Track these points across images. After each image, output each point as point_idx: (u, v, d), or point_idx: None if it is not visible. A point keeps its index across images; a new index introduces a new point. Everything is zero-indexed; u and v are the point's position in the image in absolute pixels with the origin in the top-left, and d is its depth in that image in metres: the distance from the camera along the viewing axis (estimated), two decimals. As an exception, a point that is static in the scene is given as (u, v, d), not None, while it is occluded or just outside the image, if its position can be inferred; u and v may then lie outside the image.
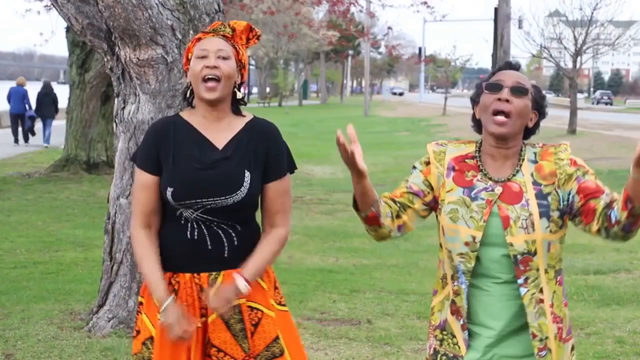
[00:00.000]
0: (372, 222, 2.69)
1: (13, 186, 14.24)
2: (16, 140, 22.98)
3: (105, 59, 5.63)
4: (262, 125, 3.03)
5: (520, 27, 35.70)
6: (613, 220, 2.53)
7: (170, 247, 2.94)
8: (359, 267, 8.76)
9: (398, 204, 2.75)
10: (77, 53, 15.48)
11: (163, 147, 2.95)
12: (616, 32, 39.51)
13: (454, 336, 2.71)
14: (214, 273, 2.92)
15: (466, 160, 2.75)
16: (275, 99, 70.57)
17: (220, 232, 2.92)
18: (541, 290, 2.67)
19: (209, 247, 2.91)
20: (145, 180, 2.95)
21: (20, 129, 23.05)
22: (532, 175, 2.69)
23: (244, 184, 2.91)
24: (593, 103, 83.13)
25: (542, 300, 2.67)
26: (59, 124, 22.85)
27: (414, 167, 2.82)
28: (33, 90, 23.79)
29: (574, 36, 33.29)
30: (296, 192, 15.05)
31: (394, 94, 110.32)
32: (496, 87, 2.68)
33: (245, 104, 3.09)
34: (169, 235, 2.95)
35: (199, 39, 3.00)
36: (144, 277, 2.95)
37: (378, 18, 79.33)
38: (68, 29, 15.64)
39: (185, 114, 3.03)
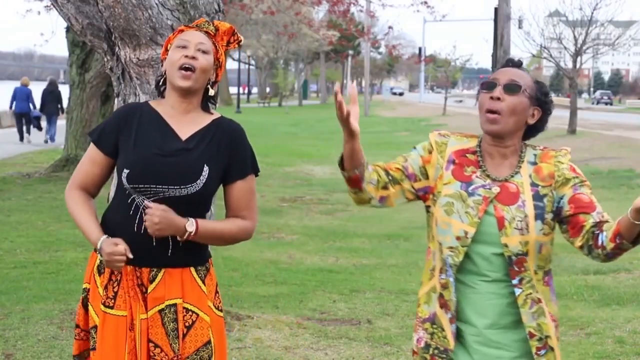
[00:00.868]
0: (354, 184, 2.68)
1: (13, 186, 14.24)
2: (21, 139, 23.46)
3: (105, 59, 5.63)
4: (229, 124, 3.04)
5: (520, 27, 35.69)
6: (599, 243, 2.56)
7: (115, 236, 2.93)
8: (359, 267, 8.76)
9: (390, 177, 2.74)
10: (77, 53, 15.48)
11: (124, 131, 2.95)
12: (616, 32, 39.50)
13: (443, 329, 2.72)
14: (155, 269, 2.91)
15: (467, 155, 2.75)
16: (275, 99, 70.56)
17: None
18: (537, 290, 2.68)
19: (153, 243, 2.90)
20: (95, 156, 2.99)
21: (24, 127, 23.60)
22: (530, 176, 2.69)
23: (201, 177, 2.90)
24: (593, 103, 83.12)
25: (540, 300, 2.68)
26: (60, 123, 23.17)
27: (414, 148, 2.81)
28: (34, 89, 24.30)
29: (574, 36, 33.29)
30: (296, 192, 15.04)
31: (394, 94, 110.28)
32: (490, 86, 2.70)
33: (214, 103, 3.10)
34: (116, 225, 2.94)
35: (181, 31, 3.02)
36: (78, 226, 3.00)
37: (378, 18, 79.34)
38: (68, 29, 15.64)
39: (154, 103, 3.04)
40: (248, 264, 8.61)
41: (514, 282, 2.65)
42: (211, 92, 3.03)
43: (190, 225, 2.87)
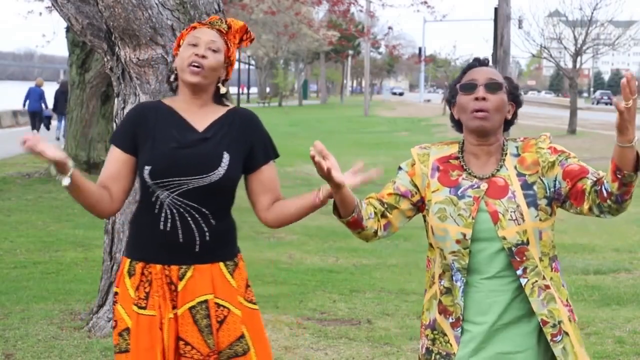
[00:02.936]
0: (355, 226, 2.72)
1: (13, 186, 14.24)
2: (35, 131, 24.84)
3: (105, 59, 5.63)
4: (244, 113, 3.07)
5: (520, 27, 35.69)
6: (605, 194, 2.55)
7: (143, 237, 2.95)
8: (359, 267, 8.77)
9: (385, 205, 2.78)
10: (77, 53, 15.48)
11: (141, 129, 2.97)
12: (616, 32, 39.51)
13: (445, 334, 2.73)
14: (184, 266, 2.92)
15: (450, 161, 2.79)
16: (275, 99, 70.55)
17: (193, 224, 2.92)
18: (544, 277, 2.69)
19: (180, 240, 2.91)
20: (116, 155, 2.98)
21: (37, 125, 25.13)
22: (515, 167, 2.73)
23: (222, 164, 2.92)
24: (593, 103, 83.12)
25: (547, 287, 2.69)
26: (61, 123, 23.96)
27: (400, 168, 2.85)
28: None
29: (574, 36, 33.32)
30: (296, 192, 15.00)
31: (394, 94, 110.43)
32: (470, 87, 2.72)
33: (227, 99, 3.12)
34: (142, 226, 2.96)
35: (194, 28, 3.05)
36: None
37: (378, 18, 79.35)
38: (68, 29, 15.64)
39: (167, 100, 3.07)
40: (248, 264, 8.53)
41: (518, 272, 2.66)
42: (222, 89, 3.06)
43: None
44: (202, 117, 3.00)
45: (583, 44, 32.97)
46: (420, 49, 60.33)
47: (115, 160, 2.97)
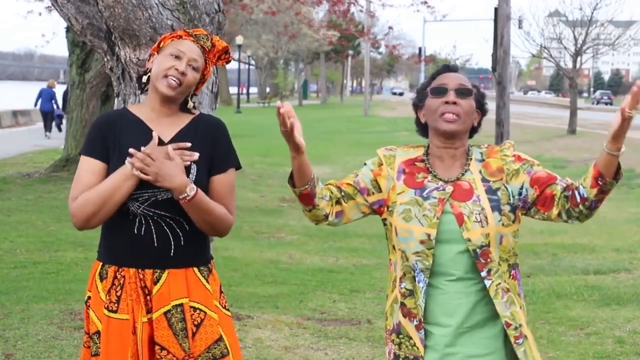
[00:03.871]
0: (307, 201, 2.75)
1: (13, 186, 14.24)
2: (47, 129, 26.08)
3: (105, 59, 5.63)
4: (209, 120, 3.06)
5: (520, 27, 35.71)
6: (578, 199, 2.60)
7: (117, 241, 2.92)
8: (359, 267, 8.77)
9: (343, 193, 2.82)
10: (77, 53, 15.50)
11: (110, 139, 2.94)
12: (616, 32, 39.54)
13: (410, 338, 2.73)
14: (158, 271, 2.91)
15: (416, 163, 2.82)
16: (275, 99, 70.55)
17: (167, 229, 2.91)
18: (505, 280, 2.71)
19: (155, 245, 2.90)
20: (93, 167, 2.92)
21: (48, 124, 26.59)
22: (480, 172, 2.76)
23: (190, 175, 2.91)
24: (593, 103, 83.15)
25: (508, 290, 2.71)
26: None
27: (365, 164, 2.88)
28: (35, 90, 26.76)
29: (574, 36, 33.35)
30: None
31: (394, 94, 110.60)
32: (441, 91, 2.76)
33: (195, 109, 3.12)
34: (116, 230, 2.93)
35: (180, 37, 3.02)
36: (107, 189, 2.86)
37: (378, 18, 79.27)
38: (68, 29, 15.66)
39: (133, 108, 3.05)
40: (248, 264, 8.62)
41: (482, 274, 2.68)
42: (190, 104, 3.05)
43: (192, 189, 2.85)
44: (167, 126, 2.98)
45: (583, 44, 32.99)
46: (420, 49, 60.37)
47: (94, 173, 2.91)
